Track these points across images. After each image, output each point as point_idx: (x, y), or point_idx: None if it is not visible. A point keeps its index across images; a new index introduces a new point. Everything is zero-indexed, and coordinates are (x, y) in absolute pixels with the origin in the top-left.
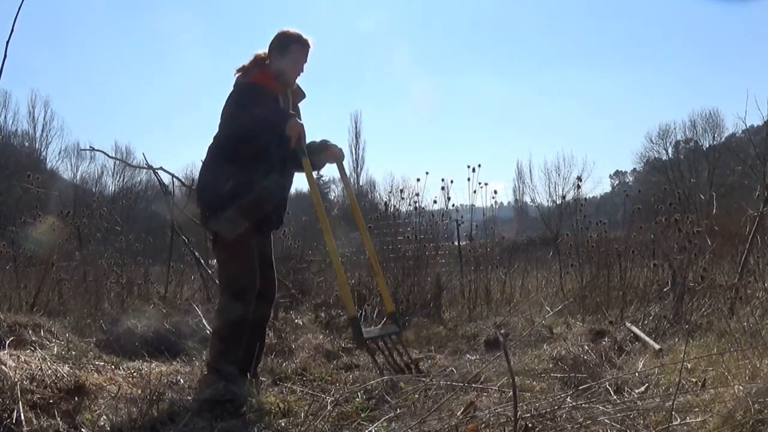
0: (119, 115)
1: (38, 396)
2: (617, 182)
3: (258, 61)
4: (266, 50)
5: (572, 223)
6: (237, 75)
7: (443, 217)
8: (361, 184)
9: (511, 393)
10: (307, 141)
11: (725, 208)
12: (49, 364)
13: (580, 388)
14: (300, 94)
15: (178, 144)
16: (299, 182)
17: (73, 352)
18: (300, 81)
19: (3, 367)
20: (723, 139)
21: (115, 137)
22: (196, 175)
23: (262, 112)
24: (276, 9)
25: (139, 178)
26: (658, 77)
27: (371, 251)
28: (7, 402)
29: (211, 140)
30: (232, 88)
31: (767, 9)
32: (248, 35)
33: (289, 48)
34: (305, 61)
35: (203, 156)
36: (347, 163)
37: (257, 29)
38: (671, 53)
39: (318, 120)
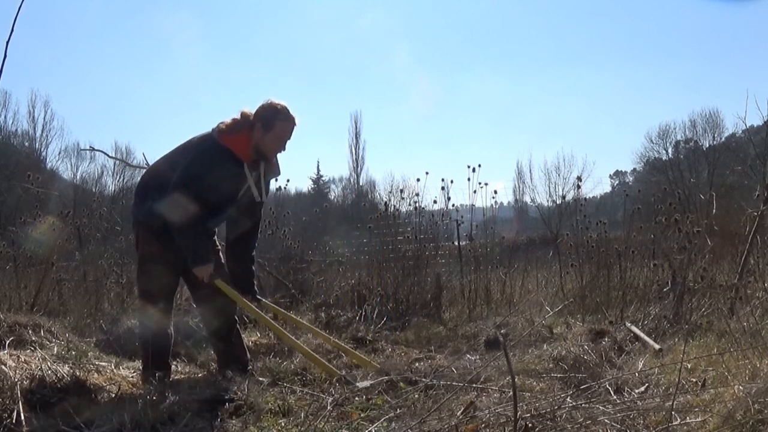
0: (119, 115)
1: (38, 396)
2: (617, 182)
3: (240, 122)
4: (252, 111)
5: (572, 223)
6: (215, 130)
7: (443, 217)
8: (361, 184)
9: (511, 393)
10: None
11: (725, 208)
12: (49, 364)
13: (580, 388)
14: (275, 171)
15: (177, 144)
16: (300, 182)
17: (73, 352)
18: (300, 82)
19: (3, 367)
20: (723, 139)
21: (115, 137)
22: None
23: (187, 231)
24: (276, 8)
25: (138, 178)
26: (658, 77)
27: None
28: (7, 402)
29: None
30: (203, 139)
31: (767, 9)
32: (247, 35)
33: (274, 125)
34: (289, 138)
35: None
36: (347, 163)
37: (256, 29)
38: (671, 53)
39: (318, 120)
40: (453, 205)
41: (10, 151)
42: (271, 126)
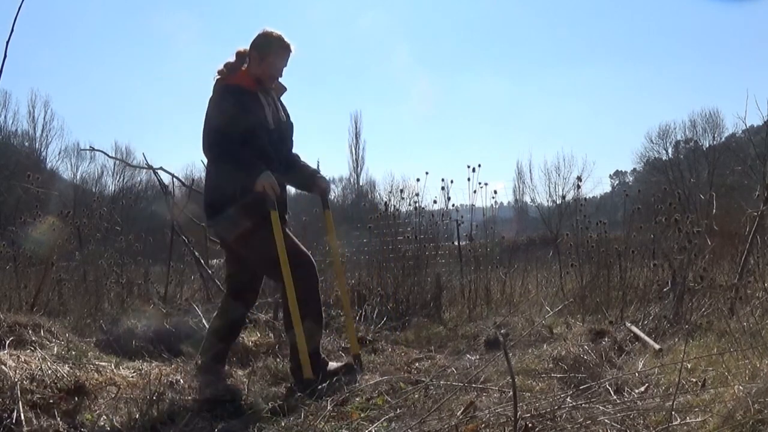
0: (119, 115)
1: (38, 396)
2: (617, 182)
3: (237, 61)
4: (248, 47)
5: (572, 223)
6: (217, 77)
7: (443, 217)
8: (361, 184)
9: (511, 393)
10: (299, 155)
11: (725, 208)
12: (49, 364)
13: (580, 388)
14: (281, 89)
15: (178, 144)
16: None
17: (73, 352)
18: (300, 82)
19: (3, 367)
20: (723, 139)
21: (115, 137)
22: (196, 175)
23: (238, 157)
24: (275, 8)
25: (139, 178)
26: (658, 77)
27: (344, 289)
28: (7, 402)
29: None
30: (212, 92)
31: (767, 9)
32: (248, 35)
33: (270, 51)
34: (285, 65)
35: (201, 157)
36: (347, 163)
37: (256, 28)
38: (671, 53)
39: (318, 120)
40: (453, 205)
41: (10, 151)
42: (266, 53)
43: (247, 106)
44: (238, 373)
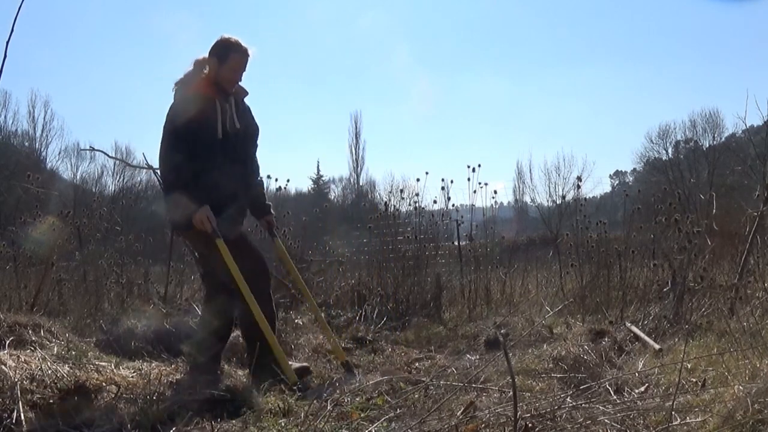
0: (119, 115)
1: (38, 396)
2: (617, 182)
3: (195, 70)
4: (206, 56)
5: (572, 223)
6: (175, 88)
7: (443, 217)
8: (361, 184)
9: (511, 393)
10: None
11: (725, 208)
12: (49, 364)
13: (580, 388)
14: (242, 92)
15: None
16: (300, 182)
17: (73, 352)
18: (300, 82)
19: (3, 367)
20: (723, 139)
21: (115, 137)
22: None
23: (183, 191)
24: (275, 8)
25: (139, 178)
26: (658, 77)
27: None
28: (7, 402)
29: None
30: (172, 100)
31: (767, 9)
32: (248, 35)
33: (228, 56)
34: (244, 69)
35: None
36: (347, 163)
37: (256, 29)
38: (671, 53)
39: (318, 120)
40: (453, 205)
41: (10, 151)
42: (225, 58)
43: (197, 118)
44: (238, 373)
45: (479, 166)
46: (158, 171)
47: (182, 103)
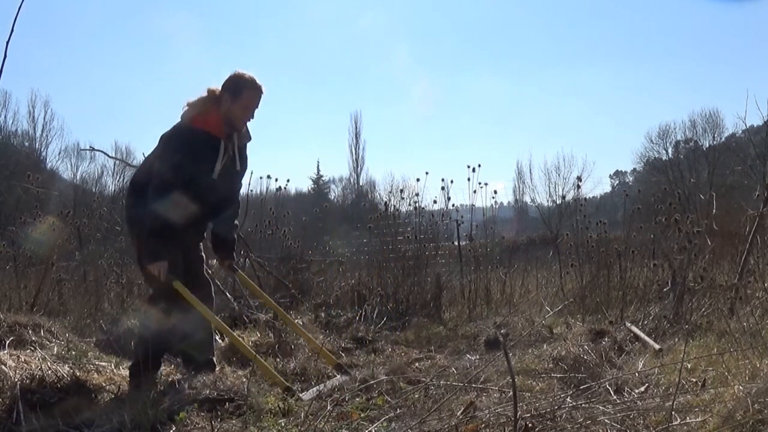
0: (119, 115)
1: (38, 396)
2: (617, 182)
3: (208, 99)
4: (219, 87)
5: (572, 223)
6: (185, 109)
7: (443, 217)
8: (361, 184)
9: (511, 393)
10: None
11: (725, 208)
12: (49, 364)
13: (580, 388)
14: (246, 137)
15: None
16: (300, 182)
17: (73, 352)
18: (300, 82)
19: (3, 367)
20: (723, 139)
21: (115, 137)
22: None
23: (152, 226)
24: (275, 8)
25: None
26: (658, 77)
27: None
28: (7, 402)
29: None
30: (175, 127)
31: (767, 9)
32: (248, 35)
33: (242, 93)
34: (257, 107)
35: None
36: (347, 163)
37: (257, 29)
38: (671, 53)
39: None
40: (453, 205)
41: (10, 151)
42: (239, 95)
43: (199, 155)
44: (238, 373)
45: (479, 166)
46: (135, 179)
47: (188, 135)
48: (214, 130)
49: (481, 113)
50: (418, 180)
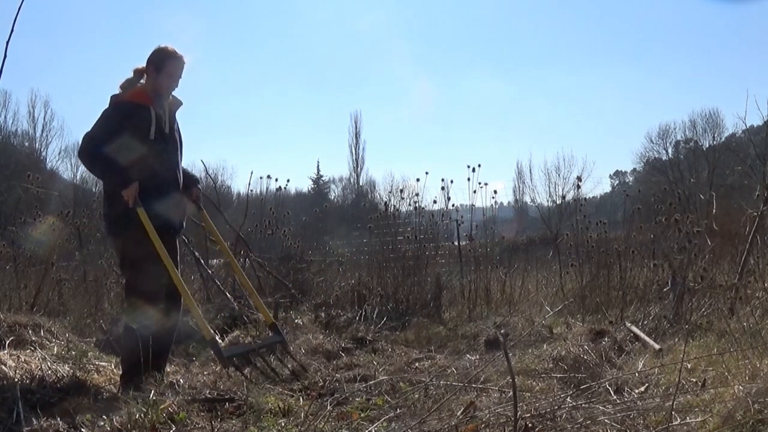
0: None
1: (38, 396)
2: (617, 182)
3: (134, 78)
4: (144, 65)
5: (572, 223)
6: (118, 91)
7: (443, 217)
8: (361, 184)
9: (511, 393)
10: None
11: (725, 208)
12: (49, 364)
13: (580, 388)
14: (177, 103)
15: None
16: (300, 182)
17: (73, 352)
18: (300, 82)
19: (3, 367)
20: (723, 139)
21: None
22: (195, 175)
23: (107, 167)
24: (275, 8)
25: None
26: (658, 77)
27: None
28: (7, 402)
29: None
30: (108, 103)
31: (767, 9)
32: (248, 35)
33: (164, 64)
34: (180, 76)
35: (202, 157)
36: (347, 163)
37: (257, 29)
38: (671, 53)
39: (318, 120)
40: (453, 205)
41: (10, 151)
42: (161, 66)
43: (130, 122)
44: (237, 373)
45: (479, 166)
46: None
47: (115, 111)
48: (142, 100)
49: (481, 113)
50: (418, 180)
